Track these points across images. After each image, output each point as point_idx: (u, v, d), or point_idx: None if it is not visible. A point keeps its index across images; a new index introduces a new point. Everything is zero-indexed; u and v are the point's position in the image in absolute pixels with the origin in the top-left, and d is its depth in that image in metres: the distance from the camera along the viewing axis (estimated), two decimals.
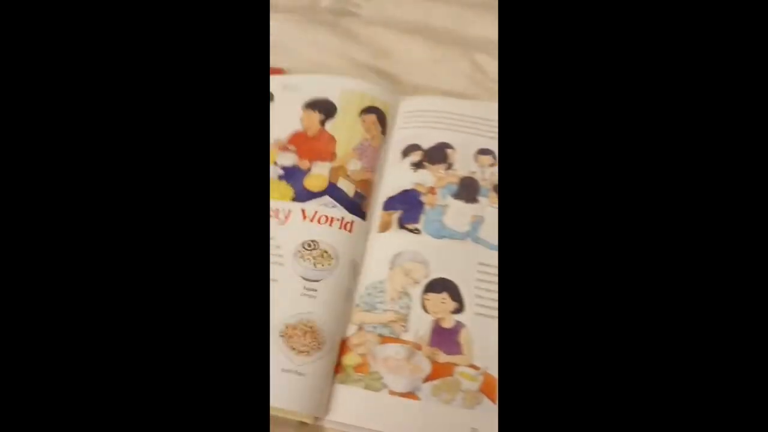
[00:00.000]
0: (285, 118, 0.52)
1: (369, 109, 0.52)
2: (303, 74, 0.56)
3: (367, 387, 0.40)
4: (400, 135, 0.52)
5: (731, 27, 0.26)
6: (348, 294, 0.43)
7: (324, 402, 0.39)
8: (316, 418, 0.39)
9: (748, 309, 0.24)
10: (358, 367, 0.40)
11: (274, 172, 0.49)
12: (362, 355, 0.41)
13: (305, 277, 0.42)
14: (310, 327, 0.40)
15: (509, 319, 0.25)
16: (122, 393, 0.25)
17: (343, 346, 0.41)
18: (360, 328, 0.42)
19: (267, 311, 0.38)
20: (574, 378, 0.24)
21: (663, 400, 0.24)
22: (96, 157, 0.26)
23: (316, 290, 0.42)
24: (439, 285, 0.43)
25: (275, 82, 0.55)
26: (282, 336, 0.40)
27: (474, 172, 0.49)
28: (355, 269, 0.44)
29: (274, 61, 0.61)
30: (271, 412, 0.39)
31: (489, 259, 0.44)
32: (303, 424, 0.39)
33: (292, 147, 0.50)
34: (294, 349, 0.39)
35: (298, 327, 0.40)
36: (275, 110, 0.53)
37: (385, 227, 0.47)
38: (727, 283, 0.24)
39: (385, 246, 0.45)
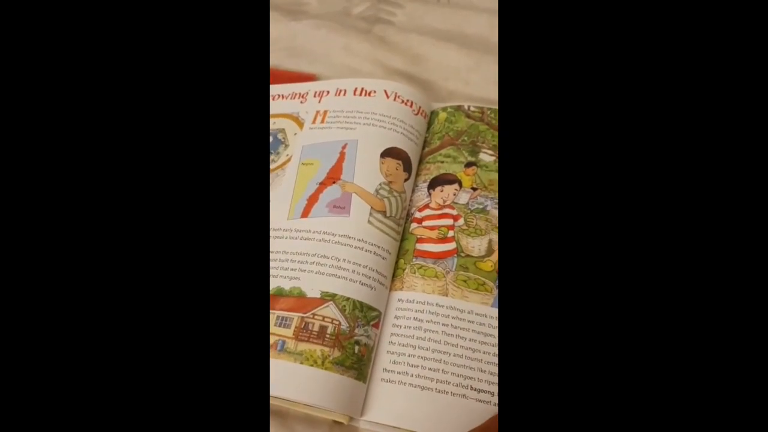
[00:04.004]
0: None
1: None
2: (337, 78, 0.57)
3: None
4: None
5: (730, 29, 0.26)
6: None
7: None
8: (351, 418, 0.40)
9: (746, 308, 0.24)
10: None
11: None
12: None
13: None
14: None
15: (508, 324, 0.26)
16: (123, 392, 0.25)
17: None
18: None
19: (267, 312, 0.39)
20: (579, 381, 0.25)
21: (661, 401, 0.24)
22: (99, 157, 0.26)
23: None
24: None
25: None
26: None
27: None
28: None
29: (307, 67, 0.62)
30: None
31: None
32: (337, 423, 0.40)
33: None
34: None
35: None
36: None
37: None
38: (723, 282, 0.24)
39: None
